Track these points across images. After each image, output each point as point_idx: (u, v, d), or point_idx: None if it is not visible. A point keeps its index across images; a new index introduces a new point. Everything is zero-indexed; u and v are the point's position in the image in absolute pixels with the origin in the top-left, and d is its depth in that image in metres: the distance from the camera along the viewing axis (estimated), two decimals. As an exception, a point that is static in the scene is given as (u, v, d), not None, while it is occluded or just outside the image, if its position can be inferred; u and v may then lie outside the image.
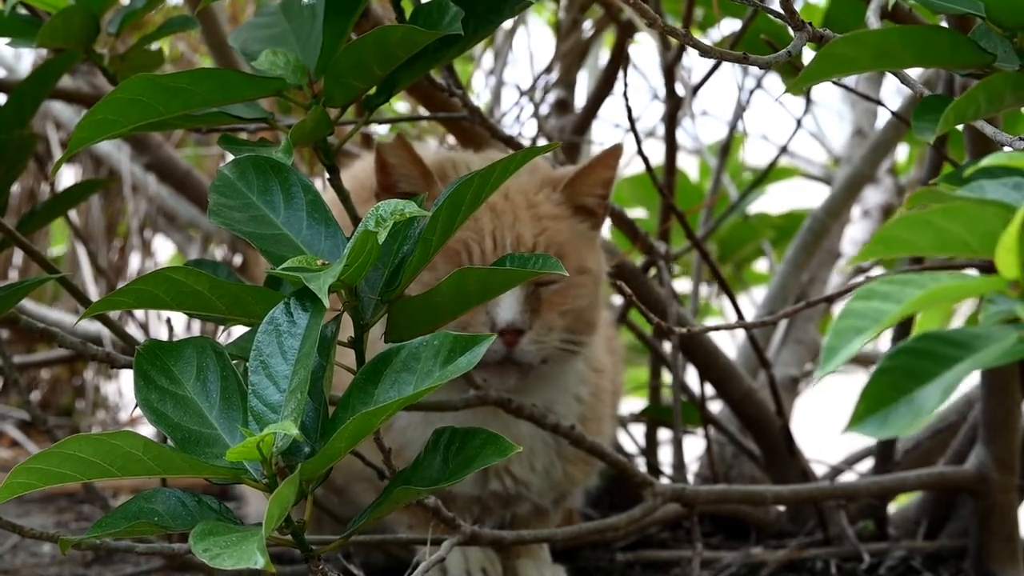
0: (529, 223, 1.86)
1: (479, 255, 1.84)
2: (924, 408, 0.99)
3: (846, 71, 1.31)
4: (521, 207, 1.86)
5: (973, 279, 1.00)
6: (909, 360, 1.01)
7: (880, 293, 1.01)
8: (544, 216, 1.87)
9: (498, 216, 1.85)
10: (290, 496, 1.25)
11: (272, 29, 1.70)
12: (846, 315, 1.02)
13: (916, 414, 0.99)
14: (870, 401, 1.01)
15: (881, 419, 1.01)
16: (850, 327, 1.01)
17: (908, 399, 1.01)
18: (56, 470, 1.27)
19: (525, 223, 1.86)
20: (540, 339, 1.84)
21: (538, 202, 1.88)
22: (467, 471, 1.32)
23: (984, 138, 1.62)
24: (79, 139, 1.52)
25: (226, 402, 1.37)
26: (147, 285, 1.39)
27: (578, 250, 1.88)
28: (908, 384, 1.01)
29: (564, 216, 1.89)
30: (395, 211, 1.35)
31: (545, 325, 1.84)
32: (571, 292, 1.87)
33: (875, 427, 1.01)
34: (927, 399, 1.00)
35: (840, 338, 1.01)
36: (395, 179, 1.85)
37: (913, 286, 1.01)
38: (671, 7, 2.85)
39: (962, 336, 1.01)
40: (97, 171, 3.29)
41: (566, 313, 1.87)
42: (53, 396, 3.41)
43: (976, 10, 1.35)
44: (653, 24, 1.37)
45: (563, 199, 1.89)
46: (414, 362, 1.33)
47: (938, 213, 1.01)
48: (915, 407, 1.00)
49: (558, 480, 2.01)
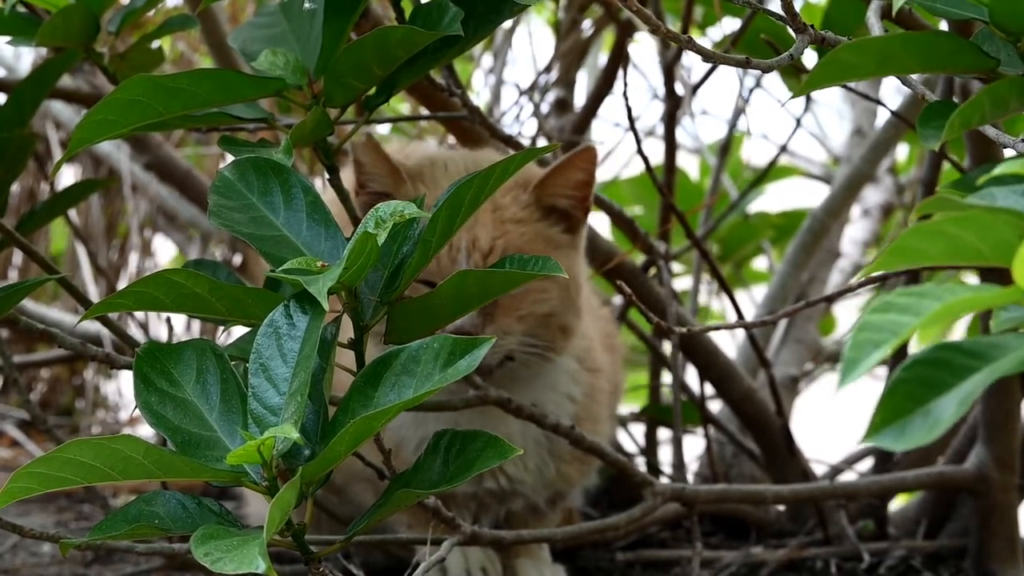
0: (489, 226, 1.83)
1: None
2: (941, 419, 0.99)
3: (850, 77, 1.31)
4: (484, 209, 1.84)
5: (990, 291, 0.99)
6: (925, 371, 1.00)
7: (897, 305, 1.01)
8: (507, 219, 1.85)
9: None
10: (291, 500, 1.25)
11: (272, 29, 1.70)
12: (864, 328, 1.01)
13: (933, 425, 0.99)
14: (887, 412, 1.01)
15: (898, 430, 1.00)
16: (868, 340, 1.00)
17: (925, 410, 1.00)
18: (56, 474, 1.27)
19: (485, 226, 1.83)
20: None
21: (504, 204, 1.85)
22: (468, 474, 1.32)
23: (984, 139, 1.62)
24: (79, 139, 1.52)
25: (226, 404, 1.37)
26: (146, 287, 1.39)
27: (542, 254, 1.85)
28: (925, 395, 1.00)
29: (530, 219, 1.86)
30: (395, 212, 1.35)
31: (499, 329, 1.82)
32: (529, 297, 1.84)
33: (892, 438, 1.00)
34: (944, 410, 0.99)
35: (859, 351, 1.00)
36: (366, 178, 1.84)
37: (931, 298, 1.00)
38: (670, 5, 2.84)
39: (978, 346, 1.00)
40: (97, 171, 3.29)
41: (524, 318, 1.85)
42: (53, 396, 3.41)
43: (979, 15, 1.34)
44: (656, 31, 1.37)
45: (531, 200, 1.86)
46: (414, 365, 1.33)
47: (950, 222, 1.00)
48: (932, 418, 0.99)
49: (551, 479, 2.00)
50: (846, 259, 3.01)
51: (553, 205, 1.87)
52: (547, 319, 1.86)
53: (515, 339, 1.84)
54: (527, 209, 1.86)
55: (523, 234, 1.85)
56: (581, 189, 1.87)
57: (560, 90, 2.93)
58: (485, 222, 1.83)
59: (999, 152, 1.84)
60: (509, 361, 1.86)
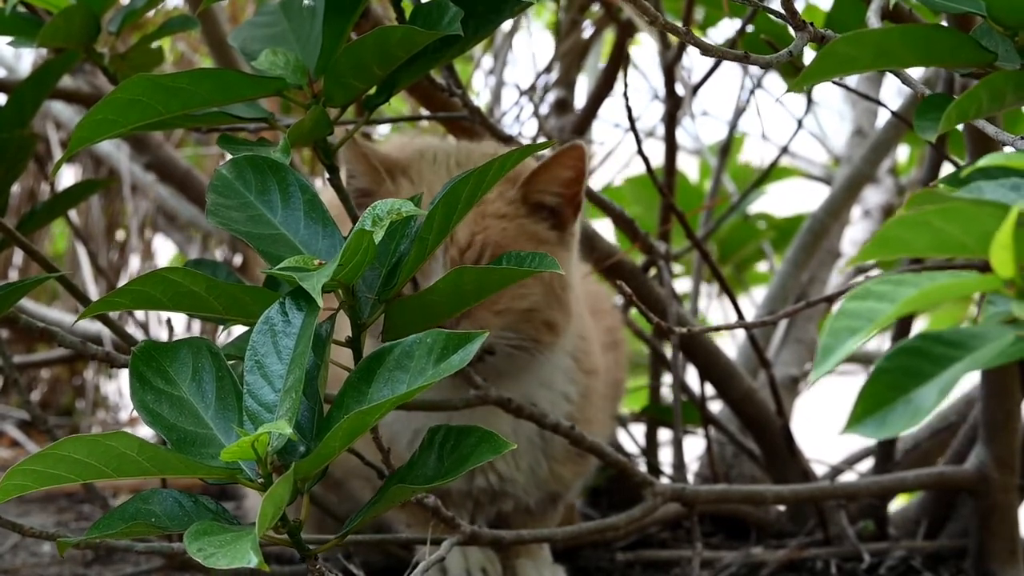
0: (470, 221, 1.83)
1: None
2: (922, 408, 1.00)
3: (847, 70, 1.31)
4: None
5: (967, 278, 1.00)
6: (907, 360, 1.01)
7: (875, 293, 1.01)
8: (489, 214, 1.84)
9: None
10: (284, 495, 1.25)
11: (272, 28, 1.70)
12: (841, 315, 1.02)
13: (914, 414, 1.00)
14: (868, 402, 1.02)
15: (880, 420, 1.01)
16: (845, 327, 1.01)
17: (906, 399, 1.01)
18: (51, 471, 1.27)
19: (465, 221, 1.83)
20: None
21: (488, 199, 1.84)
22: (462, 469, 1.32)
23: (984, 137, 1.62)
24: (79, 139, 1.52)
25: (222, 402, 1.37)
26: (144, 286, 1.39)
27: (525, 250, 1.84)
28: (906, 384, 1.01)
29: (515, 215, 1.86)
30: (391, 210, 1.35)
31: (475, 324, 1.81)
32: (508, 292, 1.84)
33: (874, 427, 1.01)
34: (925, 399, 1.00)
35: (835, 338, 1.02)
36: (351, 175, 1.85)
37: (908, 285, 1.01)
38: (671, 7, 2.85)
39: (960, 336, 1.01)
40: (97, 171, 3.30)
41: (502, 312, 1.84)
42: (53, 396, 3.42)
43: (978, 9, 1.34)
44: (654, 22, 1.37)
45: (518, 196, 1.86)
46: (407, 360, 1.33)
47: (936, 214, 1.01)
48: (913, 407, 1.00)
49: (544, 478, 2.00)
50: (846, 260, 3.01)
51: (540, 202, 1.87)
52: (529, 314, 1.86)
53: (493, 334, 1.82)
54: (512, 205, 1.86)
55: (505, 229, 1.84)
56: (569, 186, 1.86)
57: (560, 90, 2.93)
58: (466, 217, 1.84)
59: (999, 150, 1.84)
60: (489, 355, 1.86)
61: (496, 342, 1.84)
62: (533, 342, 1.87)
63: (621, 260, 2.12)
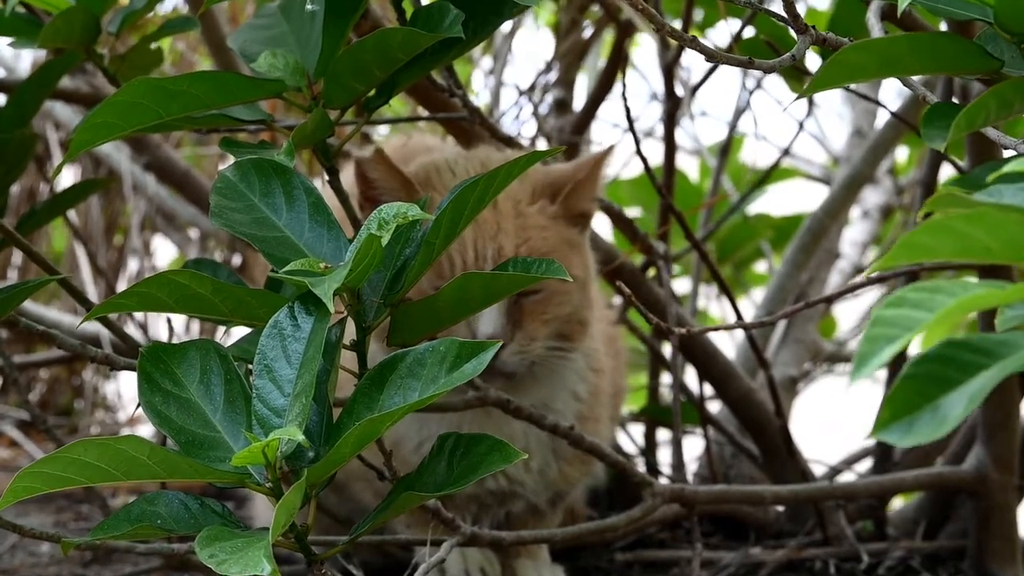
0: (512, 233, 1.85)
1: (460, 266, 1.84)
2: (949, 416, 0.98)
3: (855, 78, 1.31)
4: (508, 216, 1.85)
5: (1003, 287, 0.99)
6: (934, 367, 1.00)
7: (910, 300, 1.00)
8: (531, 226, 1.86)
9: (480, 226, 1.84)
10: (296, 503, 1.25)
11: (271, 30, 1.70)
12: (877, 323, 1.00)
13: (941, 421, 0.98)
14: (895, 407, 1.00)
15: (906, 426, 1.00)
16: (881, 335, 1.00)
17: (933, 406, 0.99)
18: (61, 474, 1.27)
19: (508, 234, 1.85)
20: (523, 349, 1.84)
21: (528, 212, 1.87)
22: (472, 477, 1.32)
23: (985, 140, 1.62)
24: (80, 142, 1.52)
25: (230, 405, 1.37)
26: (150, 288, 1.39)
27: (564, 258, 1.85)
28: (933, 391, 1.00)
29: (554, 225, 1.88)
30: (398, 214, 1.35)
31: (527, 335, 1.84)
32: (554, 300, 1.86)
33: (900, 434, 1.00)
34: (952, 406, 0.99)
35: (872, 345, 1.00)
36: (378, 192, 1.84)
37: (944, 294, 0.99)
38: (670, 6, 2.85)
39: (987, 343, 1.00)
40: (97, 171, 3.29)
41: (549, 321, 1.86)
42: (52, 396, 3.41)
43: (984, 16, 1.34)
44: (660, 29, 1.37)
45: (561, 211, 1.89)
46: (420, 368, 1.33)
47: (960, 219, 1.00)
48: (940, 414, 0.99)
49: (553, 479, 2.01)
50: (845, 260, 3.02)
51: (580, 211, 1.91)
52: (569, 317, 1.88)
53: (541, 344, 1.86)
54: (554, 218, 1.89)
55: (546, 239, 1.87)
56: (600, 190, 1.93)
57: (559, 91, 2.93)
58: (508, 230, 1.85)
59: (999, 153, 1.84)
60: (532, 364, 1.87)
61: (543, 352, 1.86)
62: (570, 343, 1.89)
63: (621, 261, 2.12)
